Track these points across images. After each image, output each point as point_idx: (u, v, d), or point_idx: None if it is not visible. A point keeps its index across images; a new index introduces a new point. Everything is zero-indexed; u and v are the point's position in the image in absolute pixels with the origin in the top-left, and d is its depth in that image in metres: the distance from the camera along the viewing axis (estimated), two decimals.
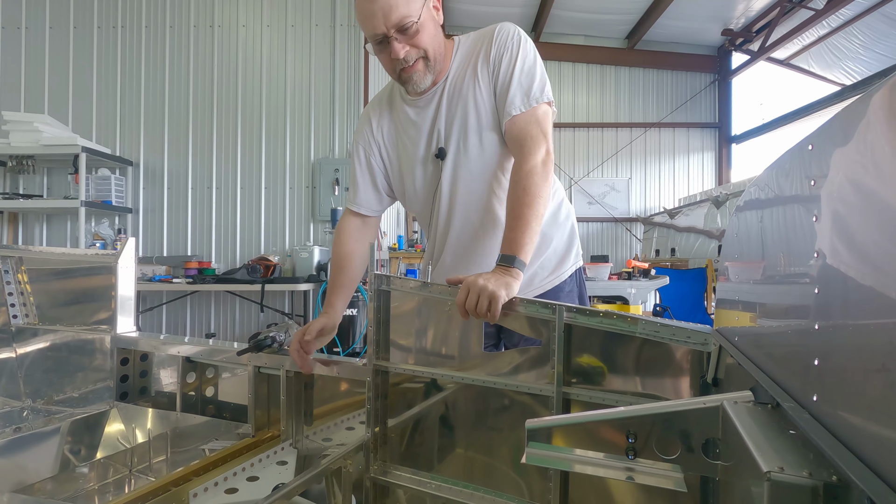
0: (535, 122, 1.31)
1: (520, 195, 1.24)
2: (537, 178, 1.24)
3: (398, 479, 1.30)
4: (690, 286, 5.56)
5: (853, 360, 0.38)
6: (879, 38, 6.66)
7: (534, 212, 1.22)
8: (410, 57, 1.28)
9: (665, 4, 7.11)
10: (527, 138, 1.29)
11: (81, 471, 1.57)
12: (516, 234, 1.21)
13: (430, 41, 1.29)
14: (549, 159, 1.29)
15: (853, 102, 0.40)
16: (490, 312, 1.09)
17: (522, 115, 1.31)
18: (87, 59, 4.96)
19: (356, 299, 4.23)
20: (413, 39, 1.26)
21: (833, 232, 0.43)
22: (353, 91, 4.94)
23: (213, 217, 4.96)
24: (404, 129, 1.47)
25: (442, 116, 1.40)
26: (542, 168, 1.26)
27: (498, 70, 1.34)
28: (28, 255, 2.08)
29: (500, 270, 1.17)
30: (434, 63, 1.33)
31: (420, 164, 1.46)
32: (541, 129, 1.30)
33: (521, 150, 1.29)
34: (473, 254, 1.45)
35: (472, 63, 1.38)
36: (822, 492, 0.41)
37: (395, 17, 1.22)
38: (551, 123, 1.35)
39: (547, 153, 1.29)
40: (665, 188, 8.92)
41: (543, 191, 1.25)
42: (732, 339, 0.79)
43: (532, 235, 1.21)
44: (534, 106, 1.32)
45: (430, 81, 1.35)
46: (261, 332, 1.59)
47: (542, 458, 0.72)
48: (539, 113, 1.32)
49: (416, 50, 1.28)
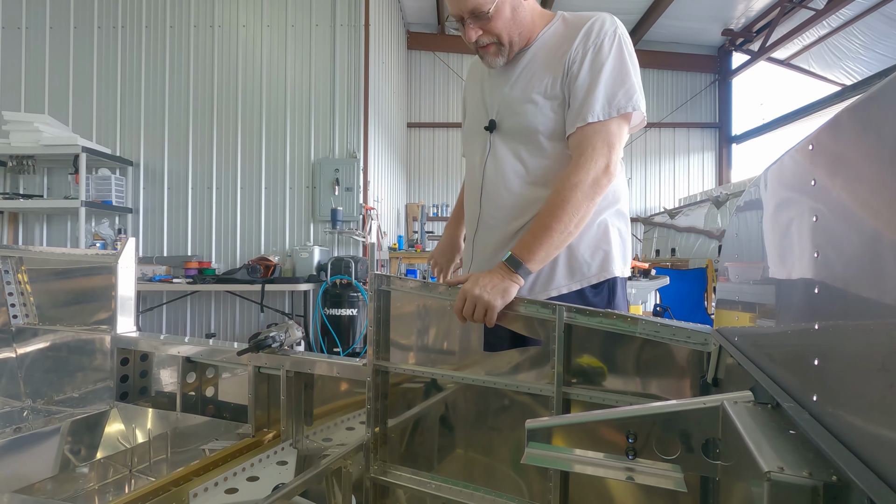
0: (603, 134, 1.20)
1: (556, 204, 1.17)
2: (579, 195, 1.16)
3: (398, 479, 1.30)
4: (690, 286, 5.56)
5: (853, 360, 0.38)
6: (879, 38, 6.66)
7: (562, 226, 1.16)
8: (483, 41, 1.30)
9: (665, 4, 7.12)
10: (587, 148, 1.20)
11: (81, 471, 1.57)
12: (533, 241, 1.18)
13: (503, 27, 1.28)
14: (604, 177, 1.19)
15: (853, 102, 0.40)
16: (486, 319, 1.14)
17: (591, 125, 1.21)
18: (87, 59, 4.96)
19: (356, 299, 4.23)
20: (487, 25, 1.27)
21: (833, 232, 0.43)
22: (353, 91, 4.94)
23: (213, 217, 4.96)
24: (479, 89, 1.46)
25: (505, 91, 1.35)
26: (591, 185, 1.17)
27: (576, 70, 1.24)
28: (28, 255, 2.08)
29: (502, 273, 1.17)
30: (509, 46, 1.31)
31: (478, 131, 1.42)
32: (606, 143, 1.20)
33: (576, 160, 1.20)
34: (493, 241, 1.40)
35: (553, 51, 1.29)
36: (822, 492, 0.41)
37: (470, 4, 1.24)
38: (623, 138, 1.23)
39: (605, 171, 1.19)
40: (665, 188, 8.92)
41: (583, 208, 1.17)
42: (732, 339, 0.79)
43: (549, 248, 1.17)
44: (608, 118, 1.21)
45: (502, 62, 1.34)
46: (261, 332, 1.59)
47: (542, 458, 0.72)
48: (611, 126, 1.21)
49: (488, 35, 1.29)
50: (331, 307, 4.21)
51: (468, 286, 1.16)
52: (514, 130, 1.33)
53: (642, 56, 6.78)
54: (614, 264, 1.31)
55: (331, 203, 4.80)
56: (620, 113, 1.21)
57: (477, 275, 1.18)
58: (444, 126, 8.86)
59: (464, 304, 1.16)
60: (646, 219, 8.31)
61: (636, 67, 1.26)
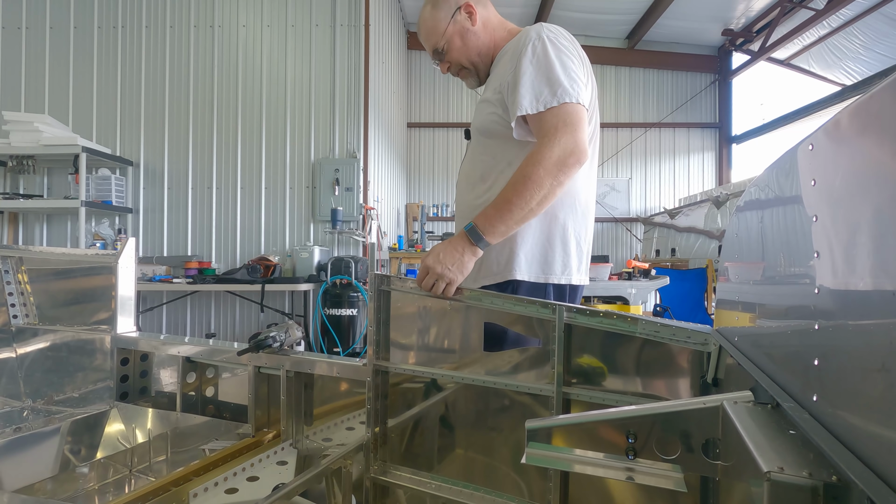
0: (563, 115, 1.22)
1: (517, 179, 1.20)
2: (541, 171, 1.17)
3: (398, 479, 1.30)
4: (691, 286, 5.56)
5: (853, 360, 0.38)
6: (879, 38, 6.66)
7: (522, 201, 1.18)
8: (453, 70, 1.51)
9: (665, 4, 7.12)
10: (550, 129, 1.22)
11: (81, 471, 1.57)
12: (494, 213, 1.20)
13: (459, 54, 1.46)
14: (570, 157, 1.19)
15: (853, 102, 0.40)
16: (445, 293, 1.23)
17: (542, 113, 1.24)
18: (87, 59, 4.96)
19: (356, 299, 4.23)
20: (446, 57, 1.48)
21: (833, 232, 0.43)
22: (353, 91, 4.94)
23: (213, 217, 4.95)
24: None
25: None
26: (556, 163, 1.18)
27: (510, 75, 1.31)
28: (28, 255, 2.08)
29: (462, 244, 1.21)
30: (476, 67, 1.48)
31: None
32: (566, 123, 1.21)
33: (540, 140, 1.23)
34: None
35: (504, 64, 1.37)
36: (822, 492, 0.41)
37: (429, 46, 1.48)
38: (581, 122, 1.23)
39: (571, 153, 1.19)
40: (665, 188, 8.92)
41: (545, 185, 1.17)
42: (732, 339, 0.79)
43: (509, 222, 1.20)
44: (554, 105, 1.23)
45: (475, 82, 1.53)
46: (261, 332, 1.59)
47: (542, 458, 0.72)
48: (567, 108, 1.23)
49: (454, 65, 1.49)
50: (331, 307, 4.21)
51: (429, 261, 1.22)
52: (474, 145, 1.46)
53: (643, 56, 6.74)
54: (517, 265, 1.33)
55: (331, 203, 4.79)
56: (559, 103, 1.23)
57: (438, 247, 1.24)
58: (444, 126, 8.86)
59: (425, 277, 1.23)
60: (646, 219, 8.31)
61: (564, 62, 1.28)
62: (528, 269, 1.34)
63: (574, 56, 1.31)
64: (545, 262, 1.35)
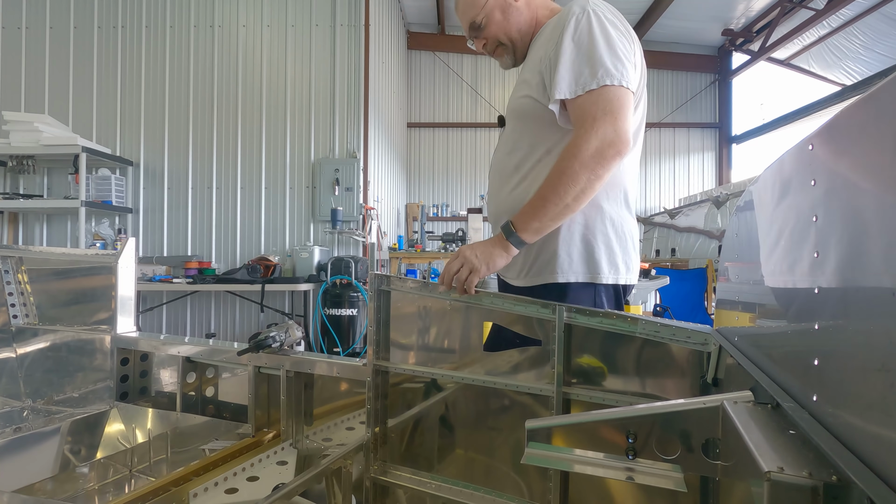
0: (602, 102, 1.13)
1: (553, 174, 1.14)
2: (577, 164, 1.10)
3: (398, 479, 1.30)
4: (691, 286, 5.55)
5: (853, 360, 0.38)
6: (879, 38, 6.66)
7: (557, 197, 1.12)
8: (488, 47, 1.41)
9: (665, 4, 7.12)
10: (587, 118, 1.13)
11: (81, 471, 1.57)
12: (529, 210, 1.17)
13: (498, 29, 1.36)
14: (610, 148, 1.10)
15: (853, 102, 0.40)
16: (466, 284, 1.20)
17: (580, 97, 1.15)
18: (87, 59, 4.96)
19: (356, 299, 4.23)
20: (484, 32, 1.37)
21: (833, 232, 0.43)
22: (353, 91, 4.94)
23: (213, 217, 4.95)
24: None
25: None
26: (593, 155, 1.10)
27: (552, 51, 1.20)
28: (28, 255, 2.08)
29: (495, 241, 1.21)
30: (511, 44, 1.38)
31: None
32: (606, 111, 1.12)
33: (576, 131, 1.15)
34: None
35: (544, 42, 1.27)
36: (822, 492, 0.41)
37: (466, 21, 1.38)
38: (624, 108, 1.14)
39: (611, 143, 1.10)
40: (665, 188, 8.92)
41: (581, 179, 1.11)
42: (732, 339, 0.79)
43: (543, 219, 1.15)
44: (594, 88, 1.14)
45: (511, 62, 1.42)
46: (261, 332, 1.59)
47: (542, 458, 0.72)
48: (609, 93, 1.14)
49: (490, 41, 1.39)
50: (331, 307, 4.21)
51: (463, 249, 1.22)
52: (508, 131, 1.38)
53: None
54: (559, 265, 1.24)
55: (331, 203, 4.79)
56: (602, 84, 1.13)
57: (476, 242, 1.24)
58: (444, 126, 8.86)
59: (453, 263, 1.21)
60: (646, 219, 8.31)
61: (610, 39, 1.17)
62: (571, 270, 1.24)
63: (622, 31, 1.20)
64: (591, 260, 1.25)
